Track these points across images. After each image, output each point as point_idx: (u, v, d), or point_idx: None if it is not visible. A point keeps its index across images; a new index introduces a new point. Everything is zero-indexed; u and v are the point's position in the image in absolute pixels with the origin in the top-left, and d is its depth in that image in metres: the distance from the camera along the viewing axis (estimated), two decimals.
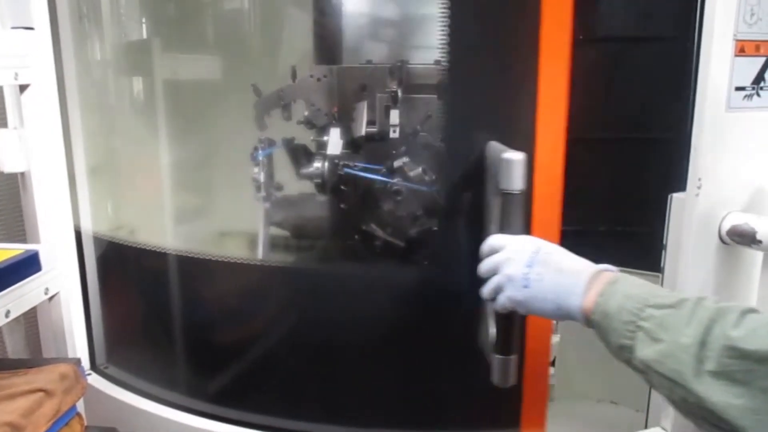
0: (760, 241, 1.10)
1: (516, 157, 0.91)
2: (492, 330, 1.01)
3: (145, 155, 1.48)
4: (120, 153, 1.38)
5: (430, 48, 1.48)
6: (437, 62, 1.40)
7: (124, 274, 1.44)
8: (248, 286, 1.30)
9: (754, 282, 1.16)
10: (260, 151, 1.41)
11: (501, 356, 0.97)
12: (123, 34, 1.50)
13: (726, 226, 1.14)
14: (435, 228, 1.22)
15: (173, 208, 1.52)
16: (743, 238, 1.12)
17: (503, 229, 0.93)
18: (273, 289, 1.29)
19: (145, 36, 1.49)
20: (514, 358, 0.97)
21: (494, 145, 1.04)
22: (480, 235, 0.99)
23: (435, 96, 1.30)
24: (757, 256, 1.15)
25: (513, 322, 0.96)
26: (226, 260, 1.23)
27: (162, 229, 1.51)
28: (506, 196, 0.91)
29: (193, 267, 1.31)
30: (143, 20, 1.49)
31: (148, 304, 1.40)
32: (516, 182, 0.90)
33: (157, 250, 1.31)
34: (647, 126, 1.61)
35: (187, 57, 1.51)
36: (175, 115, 1.50)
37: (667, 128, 1.54)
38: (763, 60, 1.11)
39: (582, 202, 1.28)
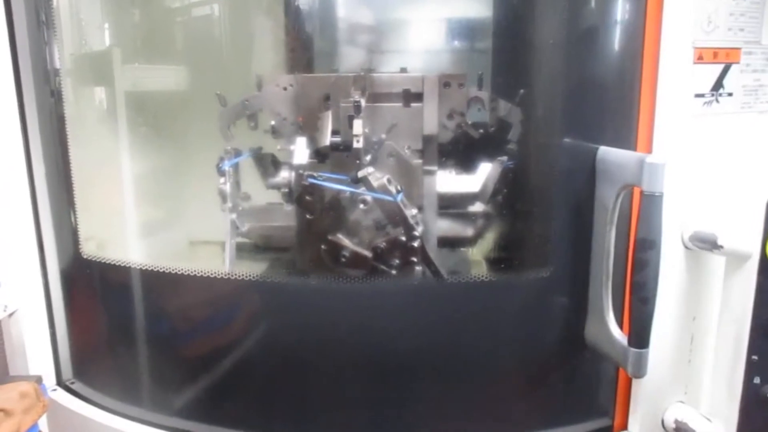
0: (721, 246, 1.11)
1: (659, 161, 0.98)
2: (613, 326, 1.10)
3: (108, 166, 1.46)
4: (82, 164, 1.36)
5: (406, 54, 1.50)
6: (403, 70, 1.40)
7: (90, 288, 1.42)
8: (216, 299, 1.28)
9: (718, 287, 1.17)
10: (226, 162, 1.39)
11: (637, 350, 1.05)
12: (83, 42, 1.47)
13: (688, 231, 1.15)
14: (402, 237, 1.21)
15: (138, 221, 1.49)
16: (705, 243, 1.13)
17: (642, 228, 1.00)
18: (241, 302, 1.27)
19: (106, 45, 1.46)
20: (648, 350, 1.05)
21: (610, 151, 1.10)
22: (591, 236, 1.12)
23: (400, 104, 1.30)
24: (720, 261, 1.16)
25: (651, 317, 1.03)
26: (192, 274, 1.22)
27: (126, 242, 1.49)
28: (648, 198, 0.99)
29: (159, 281, 1.29)
30: (104, 29, 1.47)
31: (115, 318, 1.37)
32: (658, 185, 0.98)
33: (122, 264, 1.29)
34: None
35: (149, 67, 1.49)
36: (138, 125, 1.48)
37: None
38: (721, 67, 1.12)
39: None
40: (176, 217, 1.66)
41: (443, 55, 1.71)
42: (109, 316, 1.39)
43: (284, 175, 1.41)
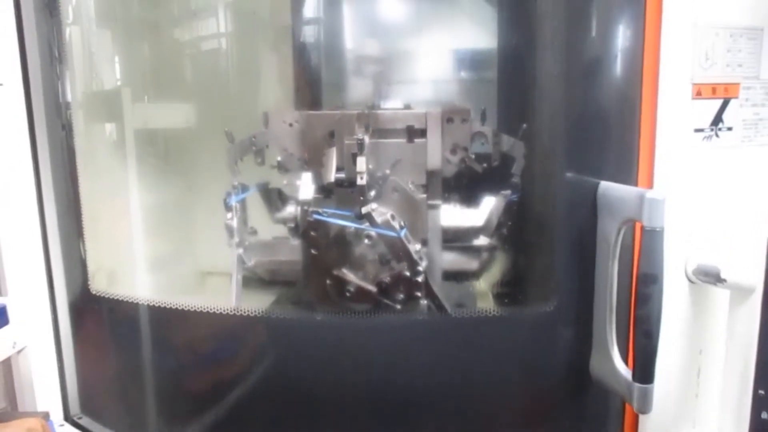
0: (724, 280, 1.11)
1: (659, 196, 0.99)
2: (618, 360, 1.10)
3: (118, 201, 1.49)
4: (92, 198, 1.38)
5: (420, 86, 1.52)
6: (407, 106, 1.43)
7: (98, 323, 1.43)
8: (223, 334, 1.29)
9: (724, 320, 1.17)
10: (233, 197, 1.41)
11: (642, 385, 1.04)
12: (94, 78, 1.51)
13: (692, 265, 1.15)
14: (406, 272, 1.22)
15: (147, 255, 1.51)
16: (709, 276, 1.13)
17: (644, 263, 1.00)
18: (248, 337, 1.28)
19: (116, 82, 1.50)
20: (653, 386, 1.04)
21: (612, 186, 1.11)
22: (594, 270, 1.13)
23: (404, 140, 1.32)
24: (724, 294, 1.16)
25: (655, 351, 1.02)
26: (199, 310, 1.23)
27: (135, 276, 1.51)
28: (649, 233, 0.99)
29: (166, 316, 1.30)
30: (115, 65, 1.51)
31: (123, 352, 1.38)
32: (658, 220, 0.98)
33: (130, 300, 1.30)
34: None
35: (158, 105, 1.52)
36: (147, 160, 1.51)
37: None
38: (720, 102, 1.13)
39: None
40: (185, 251, 1.68)
41: (448, 91, 1.74)
42: (117, 350, 1.40)
43: (290, 210, 1.42)
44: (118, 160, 1.54)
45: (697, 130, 1.13)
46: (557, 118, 1.22)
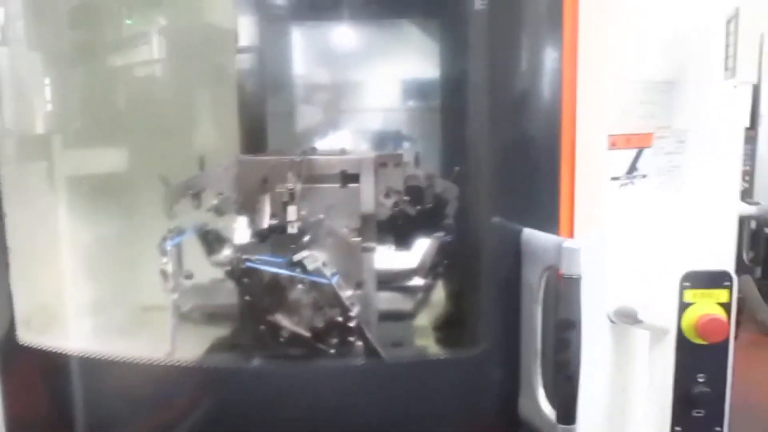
0: (641, 321, 1.16)
1: (575, 245, 1.03)
2: (543, 403, 1.12)
3: (50, 241, 1.46)
4: (20, 247, 1.36)
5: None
6: (342, 151, 1.46)
7: (27, 374, 1.40)
8: (158, 384, 1.28)
9: (644, 359, 1.21)
10: (168, 241, 1.41)
11: (565, 426, 1.05)
12: (23, 122, 1.49)
13: (611, 307, 1.20)
14: (339, 318, 1.24)
15: (84, 298, 1.49)
16: (628, 318, 1.18)
17: (562, 309, 1.04)
18: (183, 386, 1.27)
19: (46, 130, 1.49)
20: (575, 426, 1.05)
21: (534, 233, 1.15)
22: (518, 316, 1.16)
23: (338, 185, 1.34)
24: (645, 334, 1.21)
25: (576, 394, 1.04)
26: (131, 361, 1.22)
27: (70, 321, 1.48)
28: (567, 280, 1.03)
29: (101, 366, 1.28)
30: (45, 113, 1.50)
31: (51, 404, 1.35)
32: (575, 268, 1.01)
33: (61, 351, 1.28)
34: None
35: (91, 150, 1.51)
36: (80, 208, 1.49)
37: None
38: (634, 152, 1.19)
39: None
40: (126, 288, 1.66)
41: (383, 136, 1.78)
42: (47, 402, 1.37)
43: (226, 253, 1.43)
44: (50, 196, 1.52)
45: (614, 179, 1.18)
46: (483, 164, 1.27)
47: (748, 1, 1.20)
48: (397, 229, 1.42)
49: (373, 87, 1.91)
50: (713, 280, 1.11)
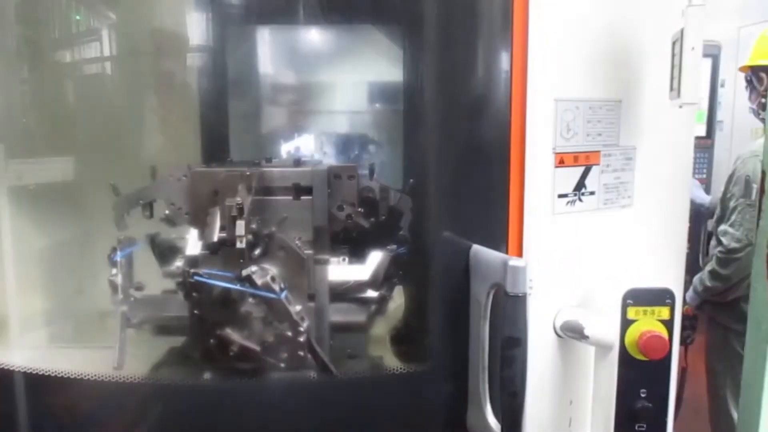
0: (587, 336, 1.18)
1: (520, 263, 1.03)
2: (490, 417, 1.14)
3: None
4: None
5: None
6: (297, 162, 1.45)
7: None
8: (107, 400, 1.26)
9: (590, 372, 1.23)
10: (118, 252, 1.38)
11: None
12: None
13: (559, 321, 1.22)
14: (289, 333, 1.23)
15: (24, 320, 1.46)
16: (574, 333, 1.20)
17: (508, 326, 1.05)
18: (130, 402, 1.26)
19: None
20: None
21: (481, 250, 1.15)
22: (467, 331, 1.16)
23: (291, 197, 1.33)
24: (591, 348, 1.23)
25: (521, 410, 1.05)
26: (77, 377, 1.19)
27: (8, 340, 1.45)
28: (511, 298, 1.03)
29: (38, 383, 1.25)
30: None
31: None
32: (520, 286, 1.03)
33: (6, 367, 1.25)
34: None
35: (37, 161, 1.48)
36: (26, 220, 1.46)
37: None
38: (582, 169, 1.21)
39: None
40: (80, 295, 1.63)
41: (339, 145, 1.78)
42: None
43: (178, 264, 1.41)
44: None
45: (561, 196, 1.20)
46: (434, 178, 1.27)
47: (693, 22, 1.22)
48: (351, 241, 1.41)
49: (329, 91, 1.91)
50: (655, 297, 1.13)
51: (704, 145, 3.44)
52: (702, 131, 3.45)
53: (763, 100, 2.45)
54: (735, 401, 2.43)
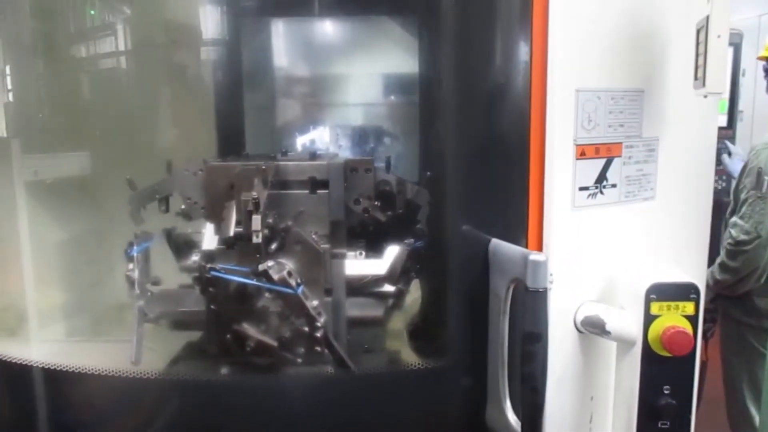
0: (609, 332, 1.15)
1: (541, 258, 1.01)
2: (510, 413, 1.12)
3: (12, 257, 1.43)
4: None
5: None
6: (313, 156, 1.43)
7: None
8: (124, 395, 1.26)
9: (612, 368, 1.21)
10: (135, 247, 1.38)
11: None
12: None
13: (580, 316, 1.20)
14: (305, 328, 1.22)
15: (43, 313, 1.46)
16: (595, 328, 1.18)
17: (528, 322, 1.03)
18: (148, 397, 1.26)
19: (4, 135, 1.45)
20: None
21: (500, 244, 1.13)
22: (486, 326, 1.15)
23: (307, 191, 1.32)
24: (612, 344, 1.20)
25: (542, 407, 1.04)
26: (93, 372, 1.19)
27: (27, 334, 1.46)
28: (532, 293, 1.02)
29: (57, 378, 1.25)
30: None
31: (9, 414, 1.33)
32: (541, 281, 1.01)
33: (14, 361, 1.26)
34: None
35: (55, 155, 1.48)
36: (46, 214, 1.46)
37: None
38: (603, 161, 1.18)
39: None
40: (99, 288, 1.64)
41: (355, 138, 1.76)
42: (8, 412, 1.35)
43: (195, 258, 1.40)
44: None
45: (582, 188, 1.17)
46: (453, 170, 1.25)
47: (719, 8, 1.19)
48: (368, 235, 1.40)
49: (345, 83, 1.89)
50: (680, 292, 1.10)
51: (726, 136, 3.38)
52: (723, 122, 3.39)
53: None
54: (751, 394, 2.40)
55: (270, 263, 1.17)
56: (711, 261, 1.34)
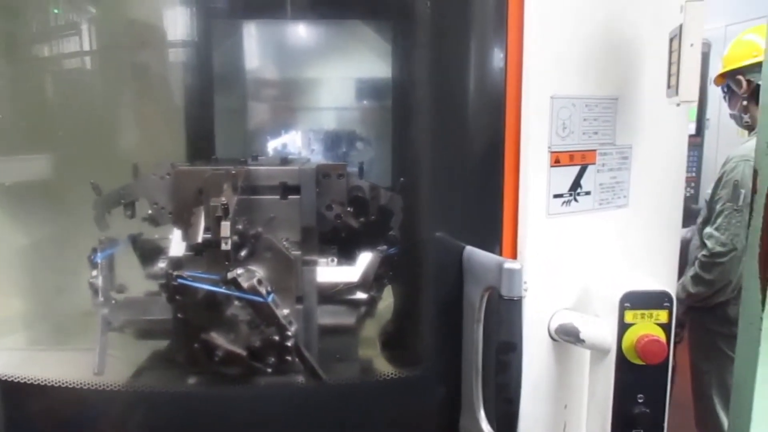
0: (583, 340, 1.15)
1: (515, 266, 1.00)
2: (483, 422, 1.10)
3: None
4: None
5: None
6: (284, 161, 1.41)
7: None
8: (87, 407, 1.22)
9: (585, 376, 1.20)
10: (99, 253, 1.34)
11: None
12: None
13: (554, 324, 1.19)
14: (276, 337, 1.19)
15: (1, 321, 1.41)
16: (570, 336, 1.17)
17: (503, 331, 1.01)
18: (111, 409, 1.21)
19: None
20: None
21: (475, 251, 1.11)
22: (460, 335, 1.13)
23: (278, 197, 1.29)
24: (587, 352, 1.20)
25: (516, 416, 1.03)
26: (55, 384, 1.15)
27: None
28: (506, 302, 1.00)
29: (15, 389, 1.20)
30: None
31: None
32: (516, 289, 0.99)
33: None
34: None
35: (14, 158, 1.43)
36: (5, 219, 1.41)
37: None
38: (577, 169, 1.17)
39: None
40: (59, 298, 1.58)
41: (327, 143, 1.74)
42: None
43: (162, 265, 1.36)
44: None
45: (557, 196, 1.17)
46: (425, 176, 1.24)
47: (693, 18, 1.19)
48: (340, 241, 1.38)
49: (317, 87, 1.87)
50: (653, 300, 1.10)
51: (694, 144, 3.43)
52: (692, 129, 3.44)
53: (745, 103, 2.42)
54: (722, 401, 2.42)
55: (239, 271, 1.14)
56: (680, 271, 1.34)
